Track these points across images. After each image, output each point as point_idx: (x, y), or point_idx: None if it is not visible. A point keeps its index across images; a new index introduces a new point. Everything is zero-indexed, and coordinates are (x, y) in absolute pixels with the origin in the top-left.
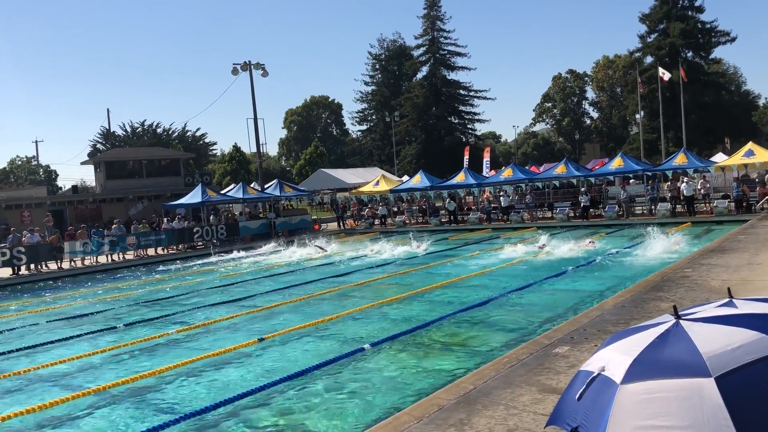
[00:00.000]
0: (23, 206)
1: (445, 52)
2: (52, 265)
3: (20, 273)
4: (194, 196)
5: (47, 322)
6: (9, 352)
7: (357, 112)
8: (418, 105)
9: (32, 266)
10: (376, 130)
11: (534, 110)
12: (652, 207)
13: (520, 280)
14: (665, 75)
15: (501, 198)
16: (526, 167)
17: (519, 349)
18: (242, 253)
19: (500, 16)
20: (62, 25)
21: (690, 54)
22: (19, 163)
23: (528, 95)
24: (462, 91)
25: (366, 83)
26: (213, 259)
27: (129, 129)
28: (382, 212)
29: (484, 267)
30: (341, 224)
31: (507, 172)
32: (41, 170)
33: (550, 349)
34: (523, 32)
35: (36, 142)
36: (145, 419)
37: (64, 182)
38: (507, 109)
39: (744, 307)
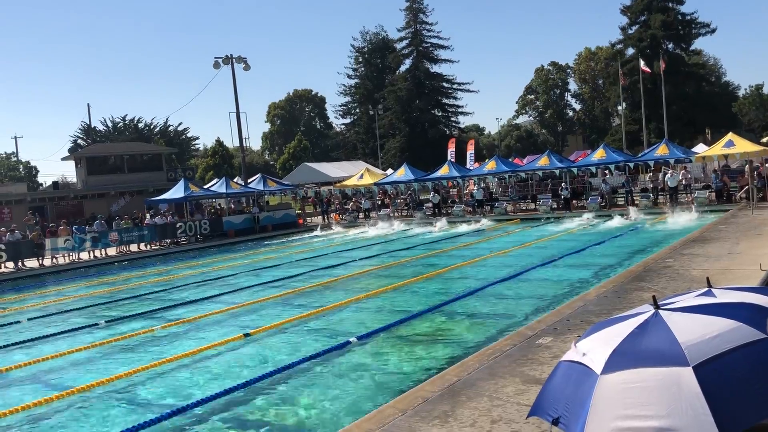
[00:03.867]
0: (3, 203)
1: (428, 44)
2: (34, 263)
3: (0, 271)
4: (177, 192)
5: (29, 319)
6: None
7: (340, 106)
8: (401, 98)
9: (12, 263)
10: (360, 123)
11: (517, 102)
12: (634, 198)
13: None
14: (646, 68)
15: (474, 191)
16: (510, 159)
17: (503, 341)
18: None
19: (482, 8)
20: (41, 18)
21: (671, 45)
22: None
23: (511, 88)
24: (445, 84)
25: (349, 76)
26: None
27: (110, 124)
28: (366, 206)
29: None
30: (326, 218)
31: (491, 165)
32: (21, 166)
33: (534, 340)
34: (506, 24)
35: (15, 138)
36: (139, 415)
37: (45, 178)
38: (490, 102)
39: (722, 297)
